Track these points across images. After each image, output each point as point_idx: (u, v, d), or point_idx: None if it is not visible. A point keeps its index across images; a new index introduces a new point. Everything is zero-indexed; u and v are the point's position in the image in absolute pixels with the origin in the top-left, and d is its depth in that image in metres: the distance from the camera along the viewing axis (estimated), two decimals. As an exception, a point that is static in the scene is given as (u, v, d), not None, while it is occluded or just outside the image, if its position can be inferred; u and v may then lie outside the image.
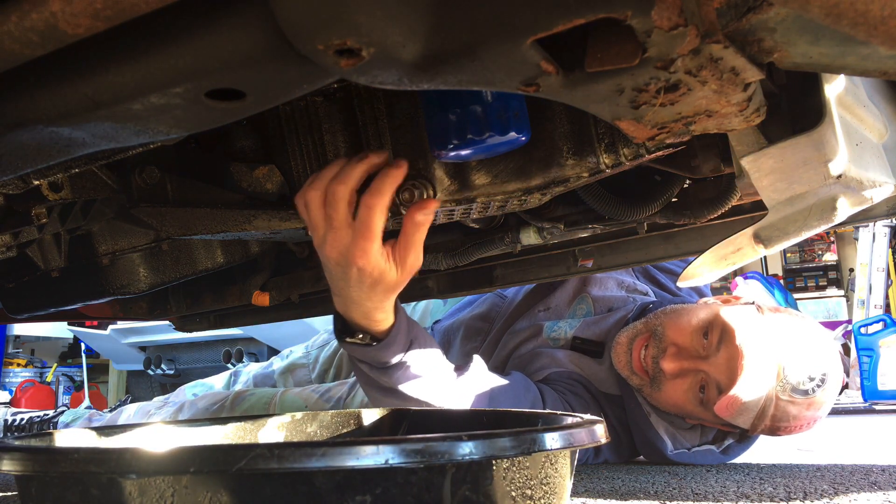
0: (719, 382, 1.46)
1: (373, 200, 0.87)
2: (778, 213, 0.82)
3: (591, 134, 0.86)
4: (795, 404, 1.44)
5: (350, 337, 1.09)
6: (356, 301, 1.00)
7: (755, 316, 1.49)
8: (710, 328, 1.49)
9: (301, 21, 0.47)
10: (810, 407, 1.45)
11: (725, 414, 1.48)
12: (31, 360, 7.16)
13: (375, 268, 0.93)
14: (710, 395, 1.48)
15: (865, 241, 5.14)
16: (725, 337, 1.45)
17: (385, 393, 1.19)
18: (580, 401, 1.64)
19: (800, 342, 1.46)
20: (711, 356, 1.47)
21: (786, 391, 1.43)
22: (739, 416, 1.48)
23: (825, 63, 0.59)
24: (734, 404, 1.45)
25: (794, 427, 1.49)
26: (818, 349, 1.47)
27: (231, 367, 2.99)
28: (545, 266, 1.52)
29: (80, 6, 0.45)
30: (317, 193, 0.88)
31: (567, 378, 1.69)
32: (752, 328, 1.45)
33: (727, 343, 1.45)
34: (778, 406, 1.44)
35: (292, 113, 0.94)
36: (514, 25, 0.48)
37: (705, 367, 1.47)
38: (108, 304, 1.75)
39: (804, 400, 1.44)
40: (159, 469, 0.51)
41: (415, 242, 0.93)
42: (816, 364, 1.44)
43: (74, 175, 0.96)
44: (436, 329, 2.15)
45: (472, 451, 0.53)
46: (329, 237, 0.90)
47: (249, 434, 0.92)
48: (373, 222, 0.88)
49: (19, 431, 2.51)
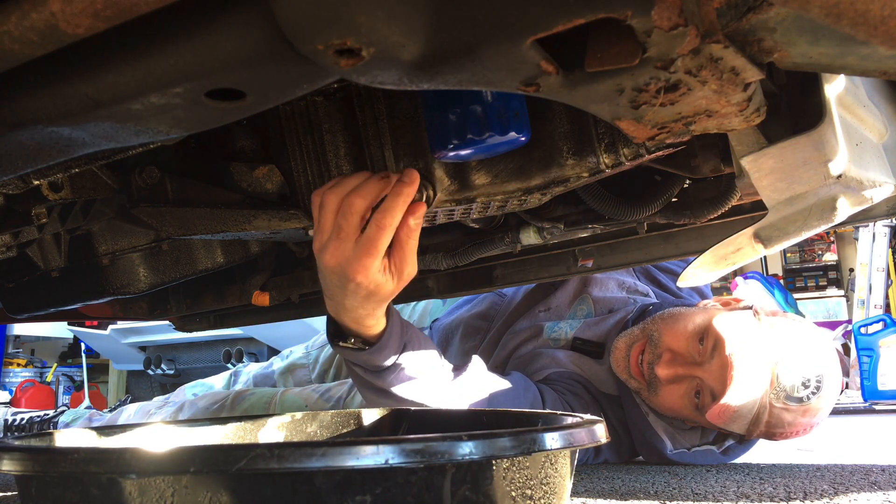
0: (713, 389, 1.46)
1: (385, 221, 0.87)
2: (778, 213, 0.82)
3: (591, 134, 0.86)
4: (790, 411, 1.44)
5: (343, 341, 1.09)
6: (348, 308, 1.00)
7: (750, 323, 1.48)
8: (705, 334, 1.49)
9: (301, 21, 0.47)
10: (805, 414, 1.45)
11: (718, 421, 1.48)
12: (31, 360, 7.16)
13: (373, 282, 0.93)
14: (704, 400, 1.48)
15: (865, 241, 5.14)
16: (718, 345, 1.45)
17: (380, 395, 1.19)
18: (580, 401, 1.64)
19: (795, 349, 1.45)
20: (706, 363, 1.47)
21: (780, 398, 1.42)
22: (733, 423, 1.48)
23: (825, 63, 0.59)
24: (726, 412, 1.44)
25: (790, 433, 1.48)
26: (814, 355, 1.46)
27: (231, 367, 2.99)
28: (545, 266, 1.52)
29: (80, 6, 0.45)
30: (335, 199, 0.88)
31: (567, 378, 1.69)
32: (745, 337, 1.45)
33: (719, 352, 1.45)
34: (772, 413, 1.44)
35: (292, 113, 0.94)
36: (514, 25, 0.48)
37: (700, 374, 1.47)
38: (108, 304, 1.75)
39: (799, 407, 1.43)
40: (159, 469, 0.51)
41: (410, 250, 0.93)
42: (811, 370, 1.43)
43: (74, 175, 0.96)
44: (434, 327, 2.15)
45: (472, 451, 0.53)
46: (331, 245, 0.90)
47: (249, 434, 0.92)
48: (380, 242, 0.89)
49: (19, 431, 2.51)
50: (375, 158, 0.91)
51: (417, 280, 1.58)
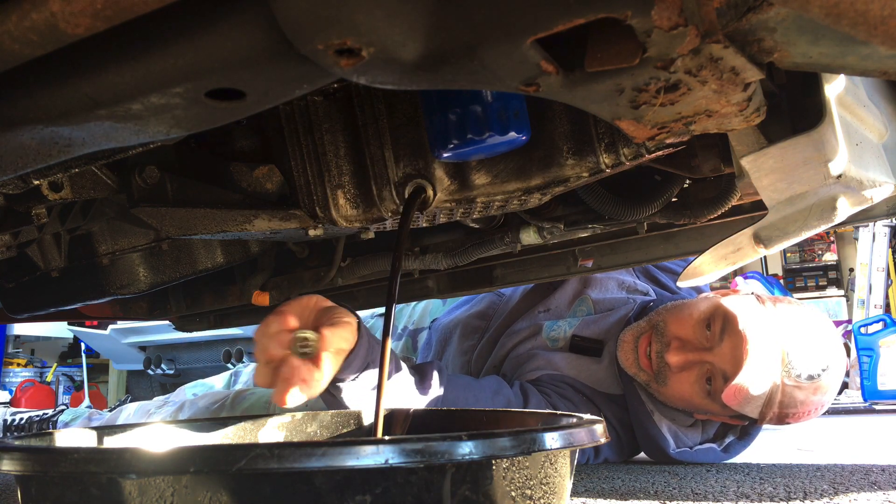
0: (725, 371, 1.46)
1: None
2: (778, 212, 0.82)
3: (591, 134, 0.86)
4: (802, 389, 1.45)
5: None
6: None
7: (755, 304, 1.51)
8: (712, 319, 1.50)
9: (301, 21, 0.47)
10: (817, 391, 1.46)
11: (733, 402, 1.48)
12: (31, 359, 7.15)
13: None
14: (716, 385, 1.49)
15: (865, 241, 5.14)
16: (728, 325, 1.46)
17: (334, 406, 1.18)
18: (567, 403, 1.65)
19: (802, 328, 1.47)
20: (715, 346, 1.48)
21: (791, 376, 1.44)
22: (747, 405, 1.48)
23: (825, 63, 0.59)
24: (741, 392, 1.45)
25: (801, 413, 1.49)
26: (820, 334, 1.48)
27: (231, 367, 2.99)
28: (545, 266, 1.52)
29: (80, 6, 0.45)
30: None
31: (559, 381, 1.70)
32: (753, 315, 1.46)
33: (730, 331, 1.46)
34: (784, 392, 1.45)
35: (292, 113, 0.94)
36: (514, 25, 0.48)
37: (710, 358, 1.48)
38: (108, 304, 1.75)
39: (810, 384, 1.45)
40: (159, 469, 0.51)
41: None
42: (820, 349, 1.46)
43: (74, 175, 0.96)
44: (434, 327, 2.16)
45: (472, 451, 0.53)
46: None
47: (249, 434, 0.92)
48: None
49: (19, 431, 2.51)
50: (375, 158, 0.91)
51: (417, 280, 1.58)
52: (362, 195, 0.94)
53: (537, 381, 1.70)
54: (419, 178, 0.90)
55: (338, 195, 0.94)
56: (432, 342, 2.10)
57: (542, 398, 1.61)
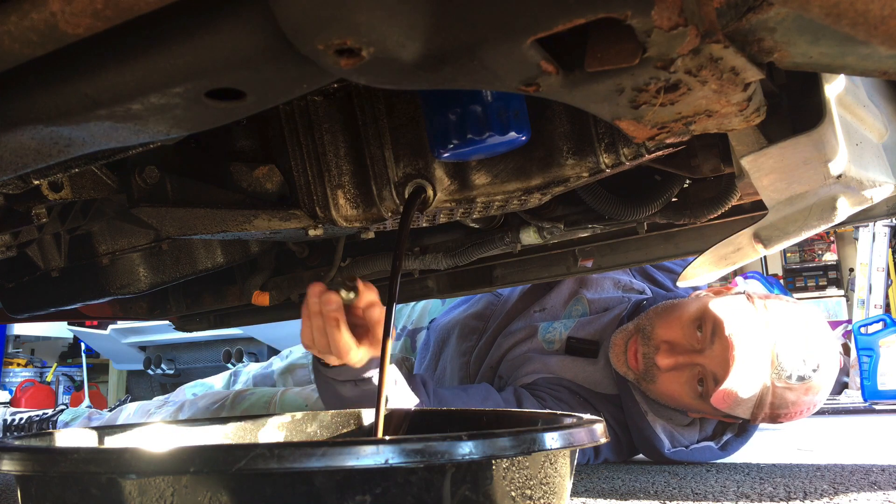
0: (715, 374, 1.46)
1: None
2: (778, 212, 0.82)
3: (591, 134, 0.86)
4: (792, 390, 1.45)
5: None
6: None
7: (745, 305, 1.50)
8: (702, 321, 1.50)
9: (301, 21, 0.47)
10: (808, 392, 1.46)
11: (723, 405, 1.48)
12: (31, 359, 7.15)
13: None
14: (707, 387, 1.49)
15: (865, 241, 5.13)
16: (717, 329, 1.46)
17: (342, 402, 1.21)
18: (562, 406, 1.65)
19: (793, 328, 1.46)
20: (706, 349, 1.48)
21: (781, 378, 1.43)
22: (737, 407, 1.48)
23: (825, 63, 0.59)
24: (730, 396, 1.45)
25: (794, 413, 1.49)
26: (811, 333, 1.47)
27: (231, 367, 2.99)
28: (545, 266, 1.52)
29: (80, 6, 0.45)
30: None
31: (555, 384, 1.71)
32: (741, 318, 1.46)
33: (719, 335, 1.45)
34: (775, 393, 1.45)
35: (292, 113, 0.94)
36: (514, 25, 0.48)
37: (701, 361, 1.48)
38: (107, 304, 1.75)
39: (801, 385, 1.44)
40: (159, 469, 0.51)
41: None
42: (810, 348, 1.44)
43: (74, 175, 0.96)
44: (432, 327, 2.15)
45: (472, 451, 0.53)
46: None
47: (249, 434, 0.92)
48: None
49: (19, 431, 2.51)
50: (375, 158, 0.91)
51: (417, 280, 1.58)
52: (362, 195, 0.94)
53: (533, 385, 1.70)
54: (419, 177, 0.90)
55: (338, 195, 0.94)
56: (430, 342, 2.10)
57: (537, 402, 1.62)
